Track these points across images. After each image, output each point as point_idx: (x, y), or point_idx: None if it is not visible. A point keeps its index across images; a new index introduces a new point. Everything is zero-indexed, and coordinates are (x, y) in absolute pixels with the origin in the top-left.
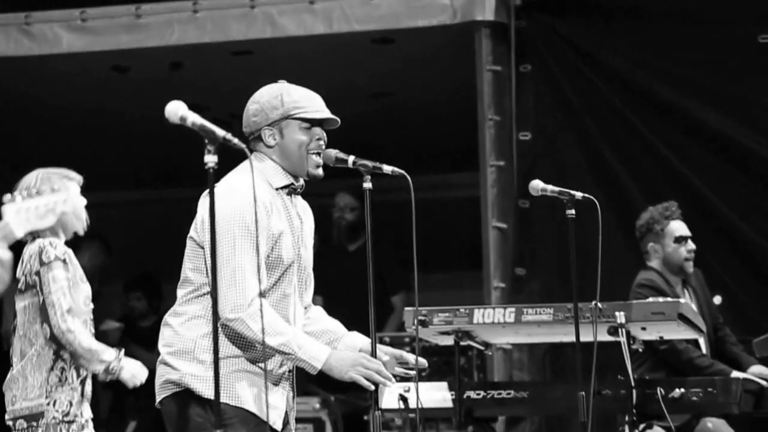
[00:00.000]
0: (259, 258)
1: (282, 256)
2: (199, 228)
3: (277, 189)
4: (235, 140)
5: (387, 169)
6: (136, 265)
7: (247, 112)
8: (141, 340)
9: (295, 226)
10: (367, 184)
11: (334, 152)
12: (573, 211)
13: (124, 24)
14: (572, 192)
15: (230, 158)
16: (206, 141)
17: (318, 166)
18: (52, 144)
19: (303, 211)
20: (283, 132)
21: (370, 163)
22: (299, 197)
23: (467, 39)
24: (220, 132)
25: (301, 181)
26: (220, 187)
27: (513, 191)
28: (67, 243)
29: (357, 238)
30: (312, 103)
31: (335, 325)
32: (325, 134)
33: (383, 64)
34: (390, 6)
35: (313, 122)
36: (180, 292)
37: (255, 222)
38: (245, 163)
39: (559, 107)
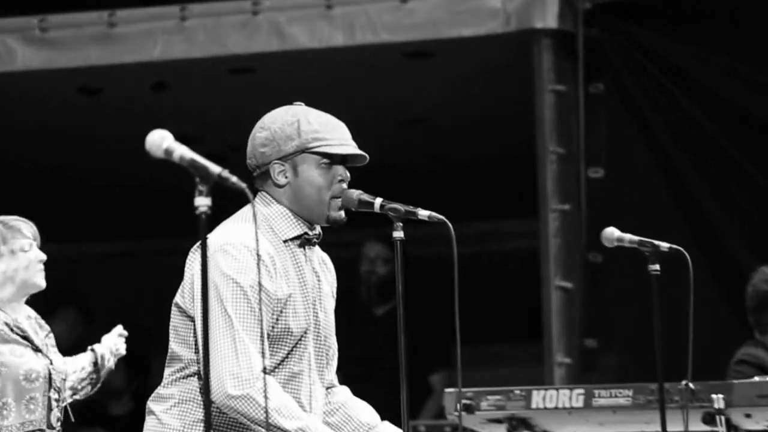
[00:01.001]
0: (263, 329)
1: (290, 327)
2: (186, 292)
3: (285, 241)
4: (234, 178)
5: (423, 214)
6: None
7: (254, 141)
8: (115, 430)
9: (310, 285)
10: (398, 233)
11: (356, 193)
12: (657, 267)
13: (94, 35)
14: (656, 242)
15: (228, 201)
16: (197, 180)
17: (340, 209)
18: (2, 185)
19: (321, 265)
20: (297, 169)
21: (401, 207)
22: (316, 248)
23: (523, 52)
24: (215, 168)
25: (318, 229)
26: (213, 240)
27: (581, 242)
28: (41, 307)
29: (388, 298)
30: (336, 134)
31: (366, 413)
32: (348, 174)
33: (418, 83)
34: (427, 12)
35: (336, 158)
36: (166, 371)
37: (258, 284)
38: (246, 209)
39: (640, 137)
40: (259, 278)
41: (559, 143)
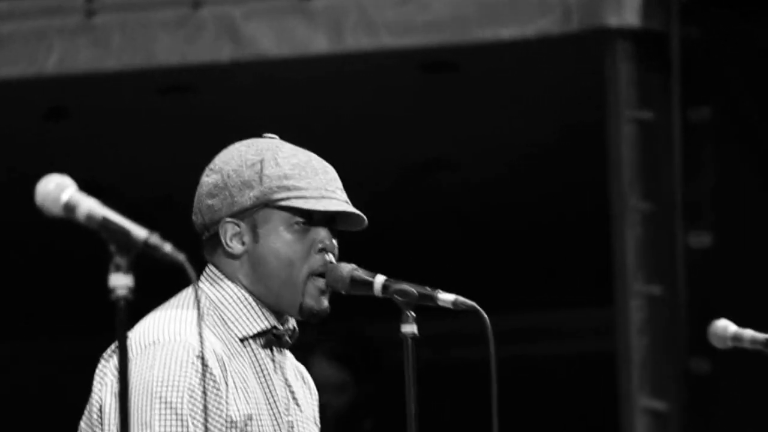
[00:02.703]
0: None
1: None
2: (95, 415)
3: (243, 339)
4: (167, 246)
5: (445, 299)
6: None
7: (200, 189)
8: None
9: (282, 402)
10: (409, 327)
11: (347, 269)
12: None
13: None
14: None
15: (167, 280)
16: (112, 248)
17: (323, 295)
18: None
19: (296, 377)
20: (258, 231)
21: (413, 289)
22: (287, 353)
23: (591, 63)
24: (139, 232)
25: (292, 322)
26: (135, 337)
27: (679, 342)
28: None
29: None
30: (316, 182)
31: None
32: (335, 242)
33: (438, 109)
34: (450, 5)
35: (316, 217)
36: None
37: (202, 398)
38: (187, 291)
39: (765, 187)
40: (203, 396)
41: (645, 196)
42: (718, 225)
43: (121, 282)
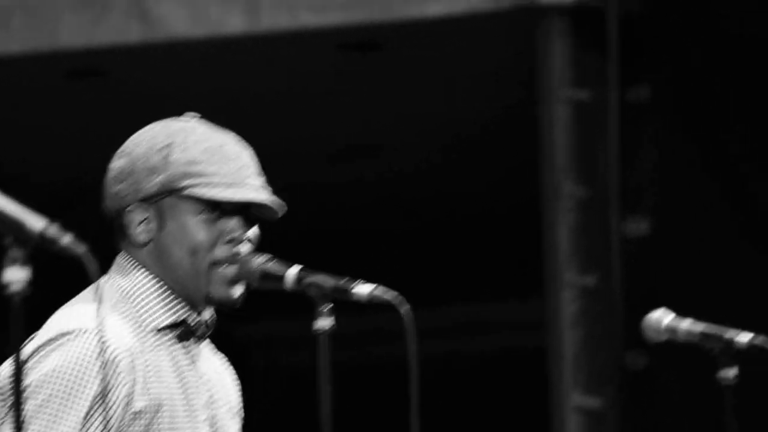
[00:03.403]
0: None
1: None
2: None
3: (158, 330)
4: (66, 237)
5: (361, 291)
6: None
7: (109, 174)
8: None
9: (199, 394)
10: (324, 321)
11: (258, 260)
12: (733, 372)
13: None
14: (730, 334)
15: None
16: (7, 240)
17: (232, 285)
18: None
19: (214, 371)
20: (164, 219)
21: (328, 281)
22: (206, 345)
23: (523, 41)
24: (35, 223)
25: (208, 314)
26: (40, 334)
27: (614, 336)
28: None
29: None
30: (227, 167)
31: None
32: (252, 231)
33: (362, 91)
34: None
35: (227, 206)
36: None
37: (102, 385)
38: (94, 285)
39: (709, 170)
40: (105, 379)
41: (580, 181)
42: (657, 211)
43: (16, 276)
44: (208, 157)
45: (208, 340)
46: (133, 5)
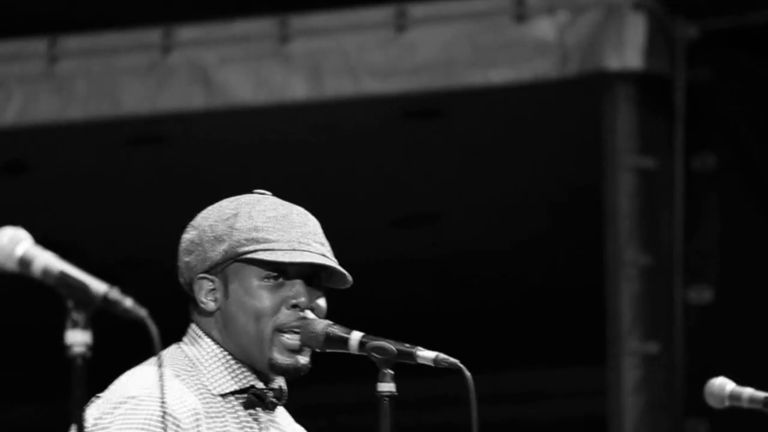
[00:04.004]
0: None
1: None
2: None
3: (223, 395)
4: (128, 301)
5: (425, 356)
6: None
7: (180, 247)
8: None
9: None
10: (387, 385)
11: (322, 325)
12: None
13: None
14: None
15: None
16: (69, 304)
17: (293, 352)
18: None
19: None
20: (228, 287)
21: (391, 346)
22: (282, 412)
23: (588, 108)
24: (98, 286)
25: (279, 383)
26: (106, 396)
27: (676, 403)
28: None
29: None
30: (289, 235)
31: None
32: (316, 296)
33: (423, 159)
34: (437, 46)
35: (291, 271)
36: None
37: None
38: (162, 353)
39: None
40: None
41: (643, 249)
42: (720, 280)
43: (78, 339)
44: (273, 224)
45: (284, 410)
46: (195, 70)
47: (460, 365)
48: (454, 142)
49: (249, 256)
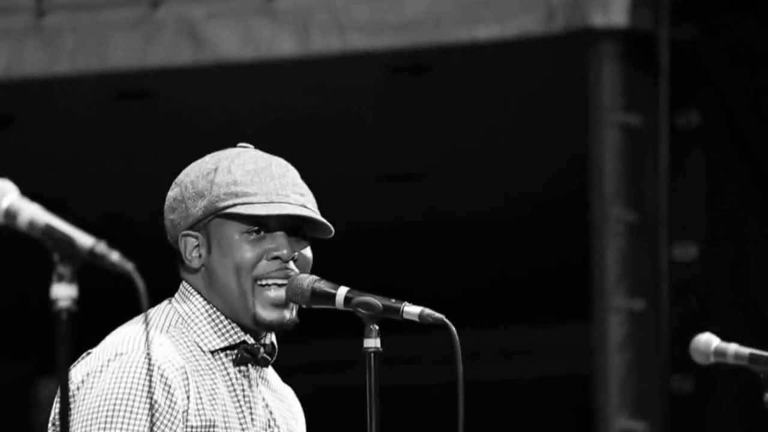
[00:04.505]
0: None
1: None
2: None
3: (213, 352)
4: (115, 255)
5: (411, 311)
6: None
7: (165, 205)
8: None
9: (258, 417)
10: (372, 341)
11: (308, 280)
12: None
13: None
14: None
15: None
16: (55, 258)
17: (278, 306)
18: None
19: (278, 398)
20: (211, 242)
21: (378, 301)
22: (270, 371)
23: (574, 65)
24: (85, 240)
25: (270, 338)
26: (96, 352)
27: (660, 360)
28: None
29: None
30: (266, 187)
31: None
32: (300, 247)
33: (411, 115)
34: (424, 3)
35: (271, 223)
36: None
37: (148, 407)
38: (151, 309)
39: (759, 194)
40: (149, 408)
41: (629, 205)
42: (705, 236)
43: (64, 293)
44: (252, 177)
45: (272, 369)
46: (182, 26)
47: (446, 320)
48: (441, 98)
49: (228, 210)
